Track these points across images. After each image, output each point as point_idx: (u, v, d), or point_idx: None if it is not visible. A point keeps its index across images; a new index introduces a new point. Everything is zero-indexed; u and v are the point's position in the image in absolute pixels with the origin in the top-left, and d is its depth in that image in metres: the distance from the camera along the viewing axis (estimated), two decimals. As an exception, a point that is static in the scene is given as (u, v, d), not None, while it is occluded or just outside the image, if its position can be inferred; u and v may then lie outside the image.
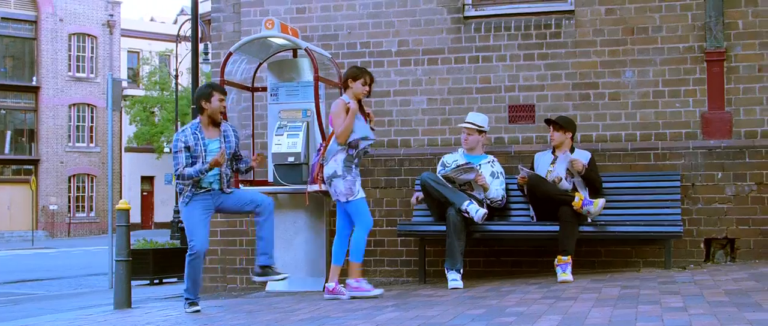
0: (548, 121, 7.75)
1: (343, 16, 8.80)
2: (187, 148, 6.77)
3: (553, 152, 7.72)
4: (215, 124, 6.92)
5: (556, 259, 7.13)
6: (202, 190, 6.83)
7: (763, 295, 5.33)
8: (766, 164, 7.81)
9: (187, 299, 6.86)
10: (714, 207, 7.87)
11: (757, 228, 7.78)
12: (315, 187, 7.32)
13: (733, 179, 7.86)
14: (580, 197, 7.22)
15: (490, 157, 7.88)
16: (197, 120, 6.94)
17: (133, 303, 7.84)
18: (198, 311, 6.75)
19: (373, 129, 7.25)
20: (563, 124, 7.66)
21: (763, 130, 7.90)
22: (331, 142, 7.04)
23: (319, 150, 7.26)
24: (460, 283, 7.06)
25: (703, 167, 7.92)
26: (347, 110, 6.91)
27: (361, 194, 6.98)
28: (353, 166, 6.96)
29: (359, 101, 7.08)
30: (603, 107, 8.21)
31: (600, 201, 7.18)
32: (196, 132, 6.85)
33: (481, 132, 7.80)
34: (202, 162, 6.73)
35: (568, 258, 7.10)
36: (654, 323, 4.48)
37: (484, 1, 8.64)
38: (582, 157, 7.59)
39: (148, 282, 13.18)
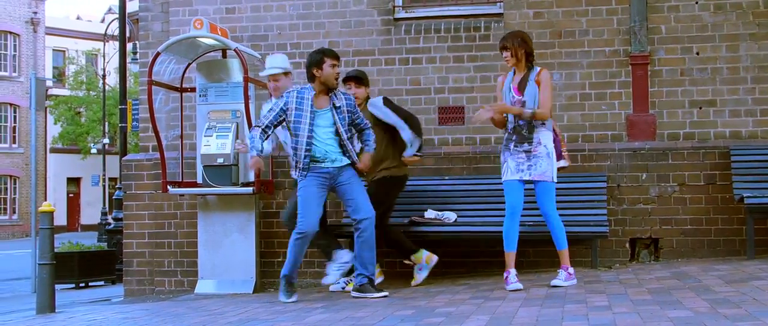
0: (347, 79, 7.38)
1: (273, 17, 8.75)
2: (285, 111, 6.47)
3: None
4: (327, 92, 6.57)
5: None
6: (318, 164, 6.50)
7: (684, 293, 5.46)
8: (688, 165, 8.01)
9: (284, 276, 6.61)
10: (638, 208, 8.04)
11: (679, 228, 7.97)
12: (563, 163, 6.63)
13: (657, 180, 8.04)
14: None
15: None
16: (308, 85, 6.59)
17: (56, 307, 7.67)
18: (295, 301, 6.53)
19: None
20: (363, 78, 7.42)
21: (685, 132, 8.10)
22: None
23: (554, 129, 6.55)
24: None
25: (628, 168, 8.08)
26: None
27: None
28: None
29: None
30: (531, 109, 8.31)
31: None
32: (305, 95, 6.48)
33: (287, 74, 7.46)
34: (310, 131, 6.41)
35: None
36: (580, 322, 4.55)
37: (414, 3, 8.68)
38: (377, 102, 7.27)
39: (73, 285, 12.89)
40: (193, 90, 8.55)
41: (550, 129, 6.44)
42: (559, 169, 6.55)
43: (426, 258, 7.35)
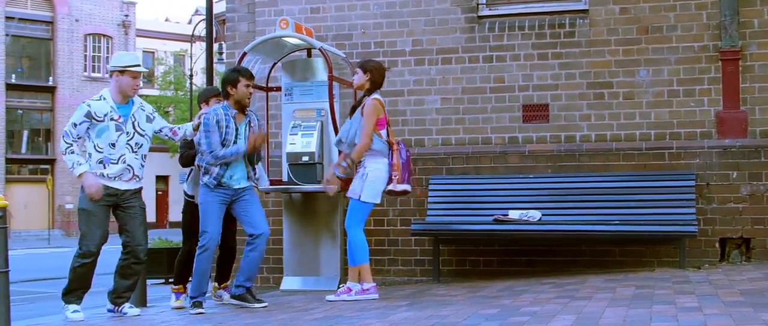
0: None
1: (357, 16, 8.81)
2: (218, 126, 6.58)
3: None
4: (242, 109, 6.74)
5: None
6: (220, 187, 6.63)
7: (778, 295, 5.31)
8: (781, 163, 7.77)
9: (191, 297, 6.69)
10: (729, 207, 7.84)
11: (772, 228, 7.74)
12: (394, 187, 6.87)
13: (749, 178, 7.82)
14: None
15: (138, 100, 6.69)
16: (225, 102, 6.73)
17: (148, 301, 7.88)
18: (202, 313, 6.54)
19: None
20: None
21: (778, 129, 7.87)
22: None
23: None
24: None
25: (717, 166, 7.88)
26: None
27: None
28: None
29: None
30: (617, 106, 8.19)
31: None
32: (228, 112, 6.65)
33: None
34: (235, 143, 6.59)
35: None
36: (669, 323, 4.47)
37: (498, 0, 8.64)
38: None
39: (162, 281, 13.22)
40: (278, 89, 8.66)
41: (377, 156, 6.75)
42: (395, 193, 6.89)
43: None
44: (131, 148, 6.46)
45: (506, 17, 8.53)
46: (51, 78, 41.95)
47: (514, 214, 7.76)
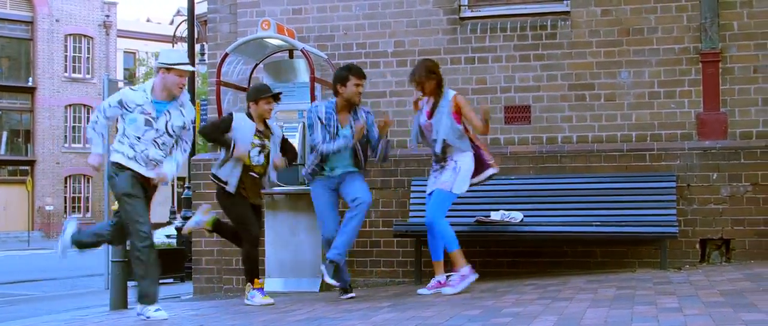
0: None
1: (340, 17, 8.81)
2: (321, 122, 6.69)
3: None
4: (349, 108, 6.79)
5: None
6: (322, 175, 6.80)
7: (758, 296, 5.34)
8: (761, 165, 7.83)
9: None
10: (709, 208, 7.89)
11: (752, 229, 7.80)
12: (492, 171, 6.93)
13: (729, 180, 7.88)
14: None
15: (182, 101, 6.37)
16: (333, 99, 6.80)
17: (129, 304, 7.84)
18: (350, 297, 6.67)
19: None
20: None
21: (758, 130, 7.92)
22: None
23: None
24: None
25: (698, 168, 7.93)
26: None
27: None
28: None
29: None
30: (599, 108, 8.23)
31: None
32: (331, 110, 6.73)
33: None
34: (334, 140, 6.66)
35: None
36: (650, 323, 4.49)
37: (480, 2, 8.66)
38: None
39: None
40: (260, 90, 8.63)
41: (465, 150, 6.74)
42: (484, 180, 6.90)
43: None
44: (157, 145, 6.24)
45: (488, 19, 8.55)
46: (31, 78, 41.67)
47: (495, 216, 7.77)
